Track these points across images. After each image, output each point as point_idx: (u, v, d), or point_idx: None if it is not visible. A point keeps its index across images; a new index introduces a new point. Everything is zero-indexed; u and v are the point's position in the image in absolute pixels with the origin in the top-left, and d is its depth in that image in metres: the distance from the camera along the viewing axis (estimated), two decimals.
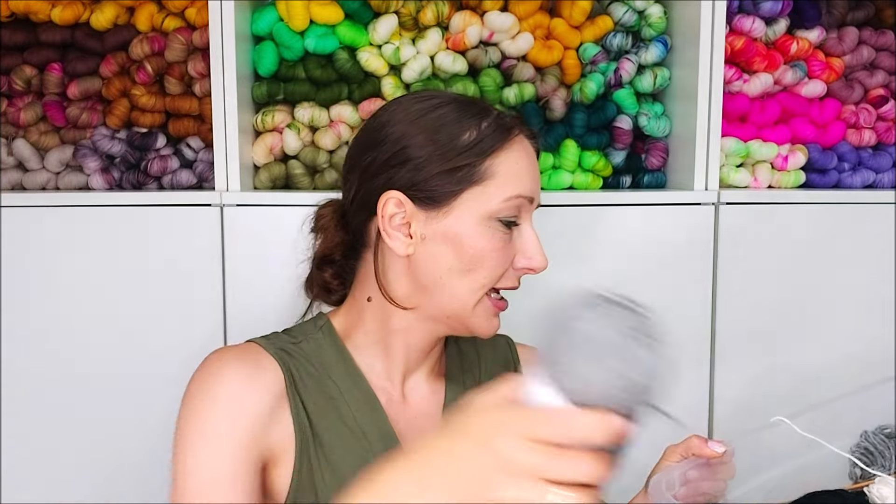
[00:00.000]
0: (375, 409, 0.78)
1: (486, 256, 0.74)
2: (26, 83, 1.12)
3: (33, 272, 1.05)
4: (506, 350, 0.91)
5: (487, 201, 0.73)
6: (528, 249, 0.76)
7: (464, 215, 0.73)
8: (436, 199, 0.74)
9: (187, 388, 0.76)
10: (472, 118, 0.75)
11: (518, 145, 0.75)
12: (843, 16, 1.21)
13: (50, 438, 1.07)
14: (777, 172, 1.19)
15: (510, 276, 0.77)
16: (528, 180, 0.75)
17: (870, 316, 1.16)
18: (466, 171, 0.73)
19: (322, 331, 0.82)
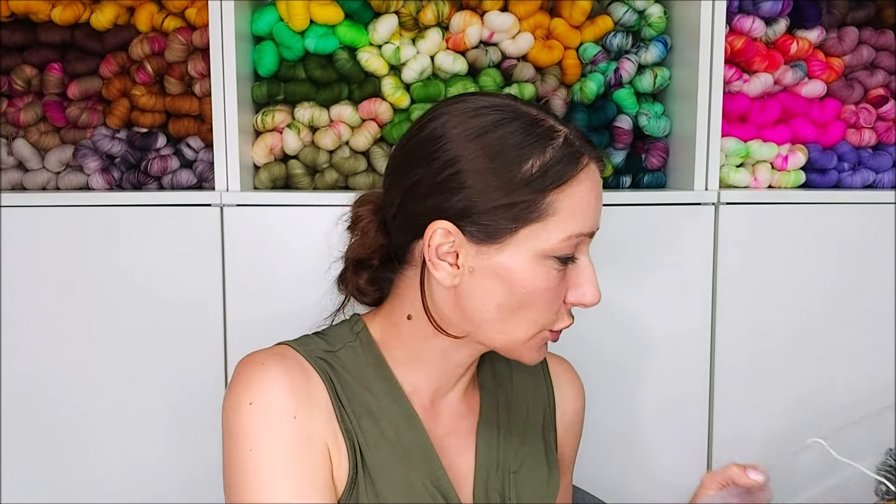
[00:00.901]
0: (416, 426, 0.74)
1: (539, 296, 0.69)
2: (26, 83, 1.12)
3: (33, 272, 1.05)
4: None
5: (546, 239, 0.67)
6: (583, 283, 0.71)
7: (518, 253, 0.68)
8: (489, 233, 0.68)
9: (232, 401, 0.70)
10: (536, 143, 0.68)
11: (585, 176, 0.69)
12: (843, 16, 1.21)
13: (50, 438, 1.07)
14: (777, 172, 1.19)
15: (564, 315, 0.73)
16: (592, 215, 0.70)
17: (870, 316, 1.16)
18: (525, 207, 0.67)
19: (360, 338, 0.77)
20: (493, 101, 0.71)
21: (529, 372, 0.86)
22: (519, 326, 0.70)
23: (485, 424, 0.80)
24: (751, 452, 1.16)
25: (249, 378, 0.70)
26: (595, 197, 0.70)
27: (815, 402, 1.16)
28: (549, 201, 0.67)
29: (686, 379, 1.13)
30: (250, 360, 0.72)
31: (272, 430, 0.68)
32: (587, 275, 0.71)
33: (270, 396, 0.68)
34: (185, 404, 1.06)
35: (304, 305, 1.05)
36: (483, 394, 0.82)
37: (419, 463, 0.73)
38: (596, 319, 1.11)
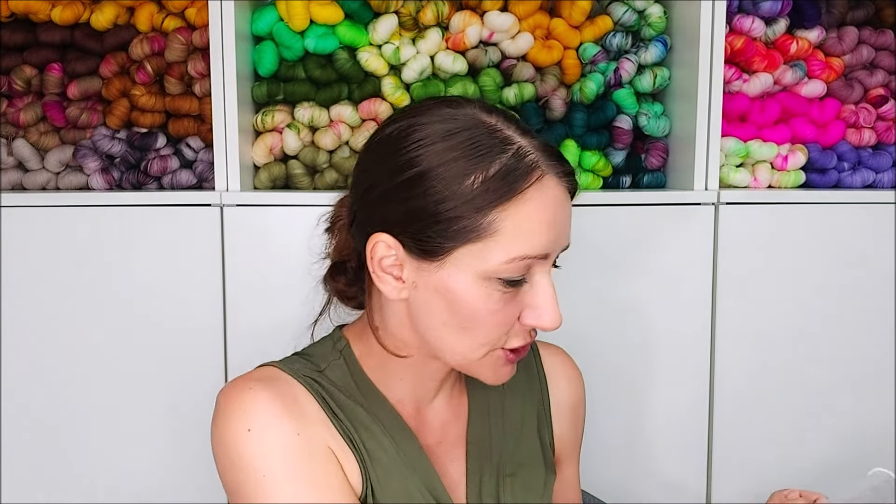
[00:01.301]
0: (409, 437, 0.73)
1: (483, 318, 0.64)
2: (26, 83, 1.12)
3: (33, 272, 1.05)
4: (528, 354, 0.85)
5: (486, 260, 0.63)
6: (539, 305, 0.65)
7: (458, 272, 0.63)
8: (427, 251, 0.64)
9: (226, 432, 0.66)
10: (482, 157, 0.62)
11: (536, 193, 0.63)
12: (843, 15, 1.21)
13: (50, 438, 1.07)
14: (777, 172, 1.19)
15: (518, 334, 0.67)
16: (544, 235, 0.64)
17: (869, 315, 1.16)
18: (463, 226, 0.62)
19: (343, 355, 0.75)
20: (452, 112, 0.66)
21: (522, 369, 0.83)
22: (467, 346, 0.67)
23: (474, 429, 0.78)
24: (751, 452, 1.16)
25: (240, 405, 0.66)
26: (549, 216, 0.64)
27: (815, 401, 1.16)
28: (490, 220, 0.62)
29: (686, 378, 1.13)
30: (235, 386, 0.69)
31: (280, 452, 0.65)
32: (544, 297, 0.65)
33: (268, 418, 0.66)
34: (184, 404, 1.06)
35: (303, 305, 1.05)
36: (471, 398, 0.80)
37: (416, 473, 0.72)
38: (595, 319, 1.11)
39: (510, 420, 0.81)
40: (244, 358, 1.05)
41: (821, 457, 1.17)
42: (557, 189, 0.65)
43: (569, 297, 1.09)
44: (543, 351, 0.87)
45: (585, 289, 1.10)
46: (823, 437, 1.17)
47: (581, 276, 1.10)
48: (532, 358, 0.85)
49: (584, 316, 1.11)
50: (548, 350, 0.87)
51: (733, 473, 1.15)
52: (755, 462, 1.16)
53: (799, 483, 1.17)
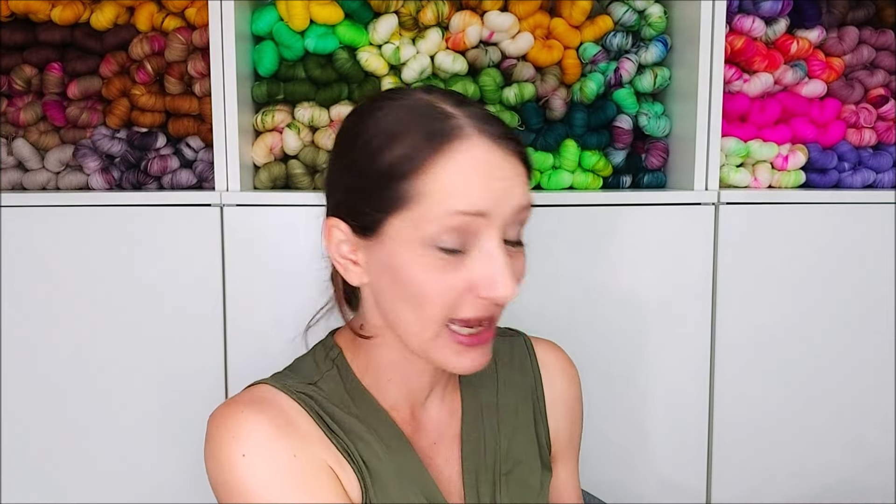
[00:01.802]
0: (403, 444, 0.73)
1: (427, 289, 0.64)
2: (26, 83, 1.12)
3: (33, 272, 1.05)
4: (522, 350, 0.85)
5: (418, 226, 0.63)
6: (488, 275, 0.63)
7: (395, 244, 0.64)
8: (367, 226, 0.66)
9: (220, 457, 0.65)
10: (407, 127, 0.64)
11: (460, 155, 0.63)
12: (844, 15, 1.21)
13: (49, 438, 1.07)
14: (777, 172, 1.19)
15: (471, 305, 0.65)
16: (474, 193, 0.63)
17: (869, 315, 1.16)
18: (390, 195, 0.63)
19: (336, 365, 0.75)
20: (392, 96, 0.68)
21: (517, 366, 0.84)
22: (418, 322, 0.66)
23: (469, 428, 0.78)
24: (751, 452, 1.16)
25: (233, 429, 0.66)
26: (478, 175, 0.63)
27: (815, 401, 1.16)
28: (414, 184, 0.63)
29: (686, 378, 1.13)
30: (226, 411, 0.68)
31: (278, 476, 0.65)
32: (492, 264, 0.64)
33: (262, 442, 0.65)
34: (184, 404, 1.06)
35: (303, 305, 1.05)
36: (465, 396, 0.79)
37: (412, 480, 0.72)
38: (595, 319, 1.11)
39: (505, 418, 0.80)
40: (244, 358, 1.06)
41: (821, 456, 1.18)
42: (489, 150, 0.64)
43: (569, 297, 1.10)
44: (538, 347, 0.86)
45: (585, 288, 1.10)
46: (823, 436, 1.17)
47: (581, 275, 1.10)
48: (526, 354, 0.85)
49: (583, 315, 1.11)
50: (542, 346, 0.86)
51: (733, 473, 1.15)
52: (755, 462, 1.16)
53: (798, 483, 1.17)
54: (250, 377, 0.78)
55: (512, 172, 0.66)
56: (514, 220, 0.66)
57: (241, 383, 0.89)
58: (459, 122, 0.64)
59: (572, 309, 1.10)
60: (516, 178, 0.66)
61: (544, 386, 0.84)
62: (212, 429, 0.67)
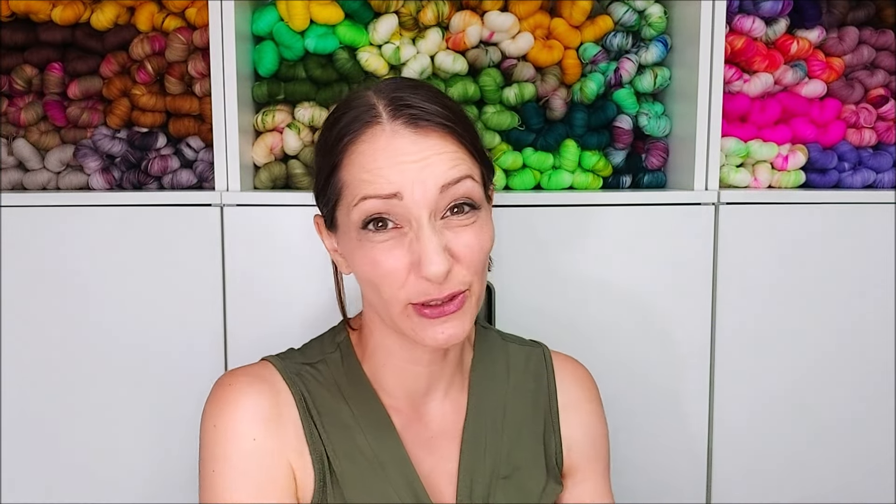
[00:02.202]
0: (391, 434, 0.75)
1: (372, 272, 0.68)
2: (27, 83, 1.12)
3: (33, 272, 1.05)
4: (540, 360, 0.85)
5: (348, 214, 0.68)
6: (419, 253, 0.66)
7: (343, 234, 0.71)
8: (328, 221, 0.74)
9: (203, 421, 0.73)
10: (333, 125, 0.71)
11: (366, 145, 0.67)
12: (844, 15, 1.21)
13: (50, 438, 1.07)
14: (777, 172, 1.19)
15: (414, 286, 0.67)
16: (383, 177, 0.65)
17: (869, 316, 1.16)
18: (327, 191, 0.70)
19: (340, 348, 0.79)
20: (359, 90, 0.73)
21: (531, 374, 0.84)
22: (382, 303, 0.69)
23: (471, 427, 0.79)
24: (751, 452, 1.16)
25: (217, 400, 0.73)
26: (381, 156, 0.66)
27: (815, 401, 1.16)
28: (337, 179, 0.69)
29: (686, 378, 1.13)
30: (222, 381, 0.75)
31: (231, 454, 0.70)
32: (419, 245, 0.65)
33: (232, 420, 0.71)
34: (184, 404, 1.06)
35: (304, 305, 1.06)
36: (472, 395, 0.80)
37: (394, 472, 0.73)
38: (595, 319, 1.11)
39: (511, 422, 0.81)
40: (244, 358, 1.05)
41: (821, 456, 1.18)
42: (396, 136, 0.66)
43: (568, 297, 1.10)
44: (556, 360, 0.86)
45: (585, 288, 1.10)
46: (823, 436, 1.17)
47: (581, 275, 1.10)
48: (543, 365, 0.85)
49: (583, 315, 1.11)
50: (561, 359, 0.87)
51: (733, 474, 1.15)
52: (755, 462, 1.16)
53: (798, 483, 1.17)
54: None
55: (426, 153, 0.66)
56: (443, 198, 0.67)
57: None
58: (376, 111, 0.68)
59: (572, 309, 1.10)
60: (435, 156, 0.67)
61: (559, 398, 0.84)
62: (210, 393, 0.75)
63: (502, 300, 1.08)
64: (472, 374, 0.82)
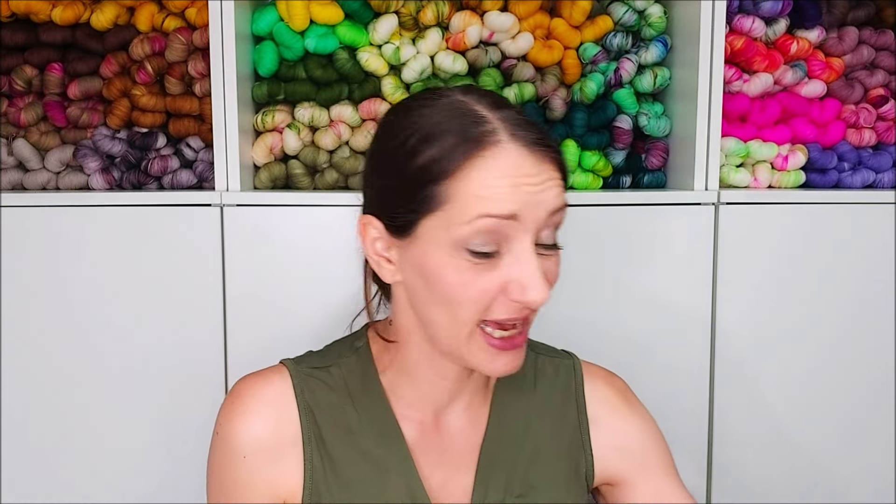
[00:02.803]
0: (398, 443, 0.74)
1: (459, 291, 0.64)
2: (27, 83, 1.12)
3: (33, 272, 1.05)
4: (569, 372, 0.83)
5: (449, 228, 0.63)
6: (520, 278, 0.64)
7: (427, 245, 0.65)
8: (399, 226, 0.67)
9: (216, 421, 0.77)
10: (441, 129, 0.65)
11: (492, 160, 0.63)
12: (844, 15, 1.21)
13: (49, 438, 1.07)
14: (777, 172, 1.19)
15: (504, 307, 0.65)
16: (504, 196, 0.63)
17: (870, 316, 1.16)
18: (422, 196, 0.64)
19: (358, 353, 0.78)
20: (431, 96, 0.69)
21: (559, 388, 0.81)
22: (450, 324, 0.66)
23: (490, 442, 0.77)
24: (751, 452, 1.16)
25: (226, 408, 0.75)
26: (508, 179, 0.63)
27: (815, 400, 1.16)
28: (446, 187, 0.63)
29: (686, 379, 1.13)
30: (236, 389, 0.76)
31: (222, 464, 0.74)
32: (524, 268, 0.64)
33: (230, 434, 0.74)
34: (184, 404, 1.06)
35: (304, 305, 1.05)
36: (493, 409, 0.78)
37: (396, 479, 0.73)
38: (595, 319, 1.11)
39: (532, 438, 0.79)
40: (244, 358, 1.05)
41: (821, 456, 1.17)
42: (520, 156, 0.64)
43: (568, 297, 1.10)
44: (587, 372, 0.84)
45: (585, 288, 1.10)
46: (823, 436, 1.17)
47: (580, 275, 1.10)
48: (573, 377, 0.83)
49: (583, 315, 1.11)
50: (593, 371, 0.84)
51: (733, 473, 1.15)
52: (755, 462, 1.16)
53: (798, 483, 1.17)
54: None
55: (544, 177, 0.65)
56: (547, 223, 0.66)
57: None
58: (493, 127, 0.65)
59: (571, 309, 1.10)
60: (548, 182, 0.66)
61: (588, 411, 0.81)
62: (228, 392, 0.77)
63: None
64: (497, 388, 0.80)
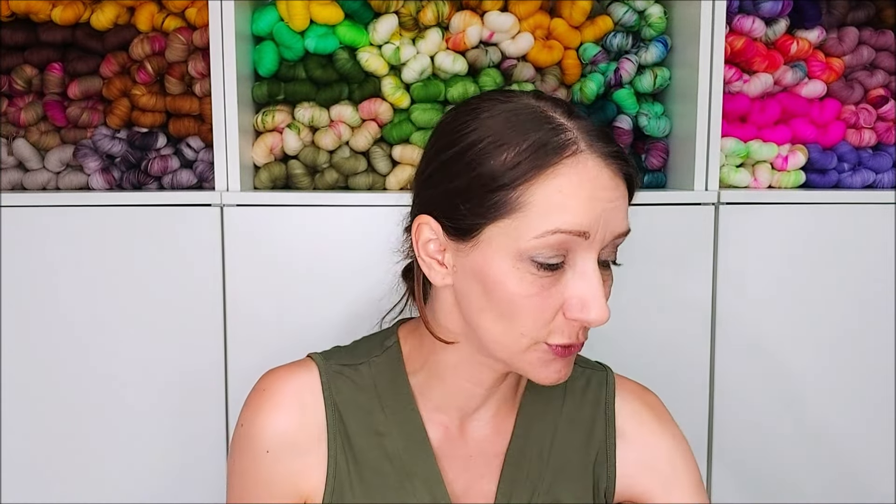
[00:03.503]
0: (424, 447, 0.73)
1: (519, 303, 0.62)
2: (27, 83, 1.12)
3: (33, 272, 1.05)
4: (601, 385, 0.80)
5: (517, 237, 0.61)
6: (582, 296, 0.62)
7: (491, 252, 0.63)
8: (462, 229, 0.64)
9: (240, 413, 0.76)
10: (518, 133, 0.62)
11: (570, 169, 0.61)
12: (844, 16, 1.21)
13: (49, 438, 1.07)
14: (777, 172, 1.19)
15: (563, 330, 0.64)
16: (579, 211, 0.61)
17: (870, 316, 1.16)
18: (492, 201, 0.62)
19: (387, 352, 0.76)
20: (501, 98, 0.67)
21: (589, 400, 0.79)
22: (507, 335, 0.65)
23: (515, 450, 0.75)
24: (751, 452, 1.16)
25: (251, 401, 0.74)
26: (584, 192, 0.61)
27: (815, 400, 1.16)
28: (519, 194, 0.61)
29: (686, 379, 1.13)
30: (263, 383, 0.75)
31: (244, 458, 0.73)
32: (587, 286, 0.62)
33: (254, 428, 0.72)
34: (184, 404, 1.06)
35: (304, 305, 1.05)
36: (520, 418, 0.77)
37: (420, 483, 0.72)
38: None
39: (558, 451, 0.77)
40: (244, 358, 1.05)
41: (821, 456, 1.17)
42: (598, 168, 0.62)
43: None
44: (620, 385, 0.82)
45: None
46: (823, 435, 1.17)
47: None
48: (604, 390, 0.80)
49: None
50: (626, 385, 0.82)
51: (733, 473, 1.15)
52: (755, 462, 1.16)
53: (798, 483, 1.17)
54: (251, 377, 0.78)
55: (617, 194, 0.64)
56: (611, 244, 0.65)
57: (242, 383, 0.89)
58: (572, 136, 0.63)
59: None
60: (620, 200, 0.64)
61: (617, 425, 0.79)
62: (254, 385, 0.76)
63: None
64: (525, 397, 0.78)
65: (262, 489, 0.72)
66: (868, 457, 1.18)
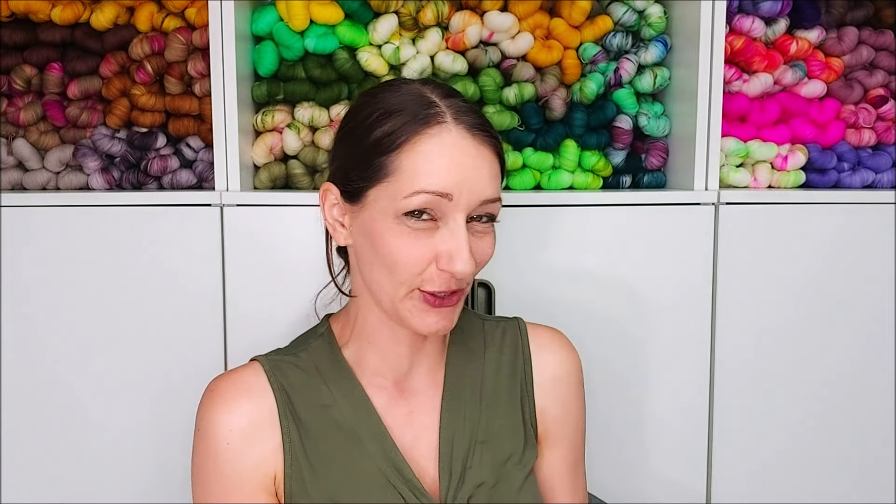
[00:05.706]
0: (368, 411, 0.80)
1: (397, 255, 0.72)
2: (26, 83, 1.12)
3: (33, 272, 1.05)
4: (515, 333, 0.89)
5: (393, 198, 0.71)
6: (450, 250, 0.71)
7: (374, 212, 0.73)
8: (351, 193, 0.75)
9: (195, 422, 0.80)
10: (396, 109, 0.73)
11: (435, 139, 0.71)
12: (843, 16, 1.21)
13: (49, 438, 1.07)
14: (777, 172, 1.19)
15: (435, 278, 0.72)
16: (442, 175, 0.71)
17: (869, 315, 1.16)
18: (373, 167, 0.72)
19: (321, 337, 0.84)
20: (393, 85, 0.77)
21: (507, 347, 0.88)
22: (389, 284, 0.74)
23: (449, 398, 0.83)
24: (751, 452, 1.16)
25: (203, 405, 0.80)
26: (447, 159, 0.71)
27: (815, 401, 1.16)
28: (392, 160, 0.71)
29: (686, 378, 1.13)
30: (210, 387, 0.81)
31: (206, 460, 0.78)
32: (454, 241, 0.71)
33: (209, 427, 0.78)
34: (184, 404, 1.06)
35: (303, 305, 1.05)
36: (449, 370, 0.85)
37: (372, 445, 0.79)
38: (595, 319, 1.11)
39: (488, 392, 0.85)
40: (244, 357, 1.05)
41: (821, 456, 1.18)
42: (461, 138, 0.72)
43: (568, 297, 1.10)
44: (532, 329, 0.90)
45: (585, 288, 1.10)
46: (823, 435, 1.17)
47: (581, 276, 1.10)
48: (518, 335, 0.89)
49: (583, 315, 1.11)
50: (537, 328, 0.90)
51: (733, 473, 1.15)
52: (755, 462, 1.16)
53: (798, 483, 1.17)
54: None
55: (481, 162, 0.73)
56: (479, 210, 0.73)
57: None
58: (440, 110, 0.73)
59: (571, 309, 1.10)
60: (485, 168, 0.73)
61: (533, 364, 0.88)
62: (203, 394, 0.81)
63: (502, 300, 1.08)
64: (450, 350, 0.86)
65: (225, 486, 0.77)
66: (868, 456, 1.18)
